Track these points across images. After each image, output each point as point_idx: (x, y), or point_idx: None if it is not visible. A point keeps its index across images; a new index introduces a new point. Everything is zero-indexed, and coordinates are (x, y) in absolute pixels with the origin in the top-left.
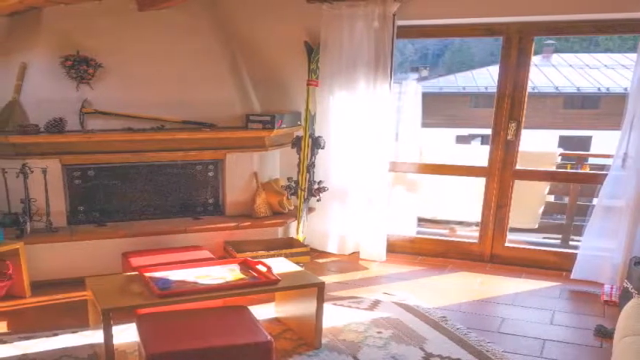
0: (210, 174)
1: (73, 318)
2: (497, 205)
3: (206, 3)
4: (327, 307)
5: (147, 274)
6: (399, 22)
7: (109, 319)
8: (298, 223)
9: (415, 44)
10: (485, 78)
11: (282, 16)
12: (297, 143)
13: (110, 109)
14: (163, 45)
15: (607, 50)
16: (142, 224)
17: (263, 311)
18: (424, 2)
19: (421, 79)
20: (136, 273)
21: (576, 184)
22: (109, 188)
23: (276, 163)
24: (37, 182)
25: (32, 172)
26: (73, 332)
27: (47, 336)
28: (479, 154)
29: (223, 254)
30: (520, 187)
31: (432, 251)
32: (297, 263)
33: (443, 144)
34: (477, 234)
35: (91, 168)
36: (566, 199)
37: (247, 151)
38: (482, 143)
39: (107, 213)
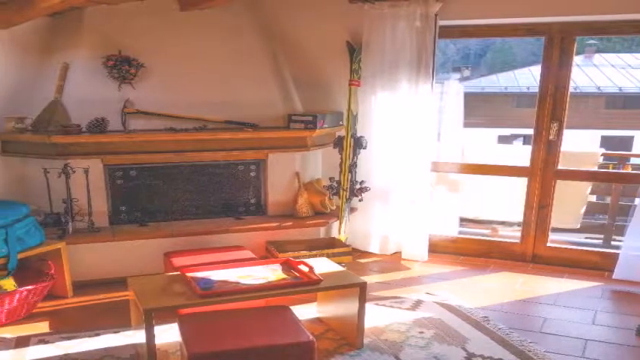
0: (252, 174)
1: (115, 318)
2: (539, 205)
3: (248, 3)
4: (369, 307)
5: (189, 274)
6: (441, 22)
7: (151, 319)
8: (340, 223)
9: (457, 44)
10: (527, 78)
11: (324, 15)
12: (339, 143)
13: (152, 109)
14: (205, 45)
15: None
16: (183, 224)
17: (305, 311)
18: (466, 2)
19: (463, 79)
20: (178, 273)
21: (618, 184)
22: (150, 188)
23: (318, 163)
24: (78, 182)
25: (74, 172)
26: (115, 332)
27: (89, 336)
28: (521, 154)
29: (265, 254)
30: (562, 187)
31: (474, 251)
32: (339, 263)
33: (485, 144)
34: (519, 234)
35: (132, 168)
36: (608, 199)
37: (289, 151)
38: (524, 143)
39: (149, 213)
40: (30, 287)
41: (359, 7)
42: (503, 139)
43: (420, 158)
